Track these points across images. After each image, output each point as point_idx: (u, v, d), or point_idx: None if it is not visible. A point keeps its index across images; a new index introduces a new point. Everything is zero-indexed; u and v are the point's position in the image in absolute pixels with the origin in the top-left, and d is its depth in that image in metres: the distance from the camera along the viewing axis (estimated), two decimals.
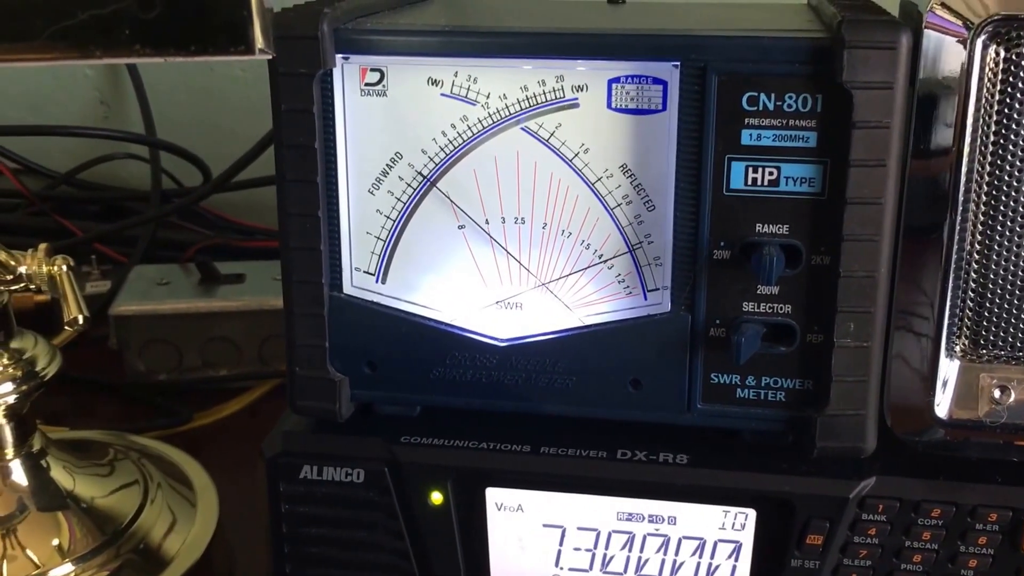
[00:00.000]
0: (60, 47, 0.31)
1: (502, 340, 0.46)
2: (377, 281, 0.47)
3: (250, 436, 0.70)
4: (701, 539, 0.46)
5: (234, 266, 0.80)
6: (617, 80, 0.43)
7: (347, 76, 0.45)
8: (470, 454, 0.47)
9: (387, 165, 0.46)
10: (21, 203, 0.90)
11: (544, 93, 0.44)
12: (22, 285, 0.53)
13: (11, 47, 0.32)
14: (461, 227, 0.46)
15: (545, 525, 0.47)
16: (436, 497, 0.47)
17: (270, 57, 0.35)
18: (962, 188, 0.41)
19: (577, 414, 0.46)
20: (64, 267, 0.53)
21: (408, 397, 0.48)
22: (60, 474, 0.55)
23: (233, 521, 0.59)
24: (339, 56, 0.44)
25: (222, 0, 0.33)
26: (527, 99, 0.44)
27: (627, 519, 0.46)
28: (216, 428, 0.72)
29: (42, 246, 0.53)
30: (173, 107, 0.98)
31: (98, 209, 0.94)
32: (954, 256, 0.42)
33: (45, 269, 0.53)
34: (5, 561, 0.52)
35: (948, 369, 0.44)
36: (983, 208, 0.42)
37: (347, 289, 0.47)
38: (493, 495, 0.47)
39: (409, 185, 0.46)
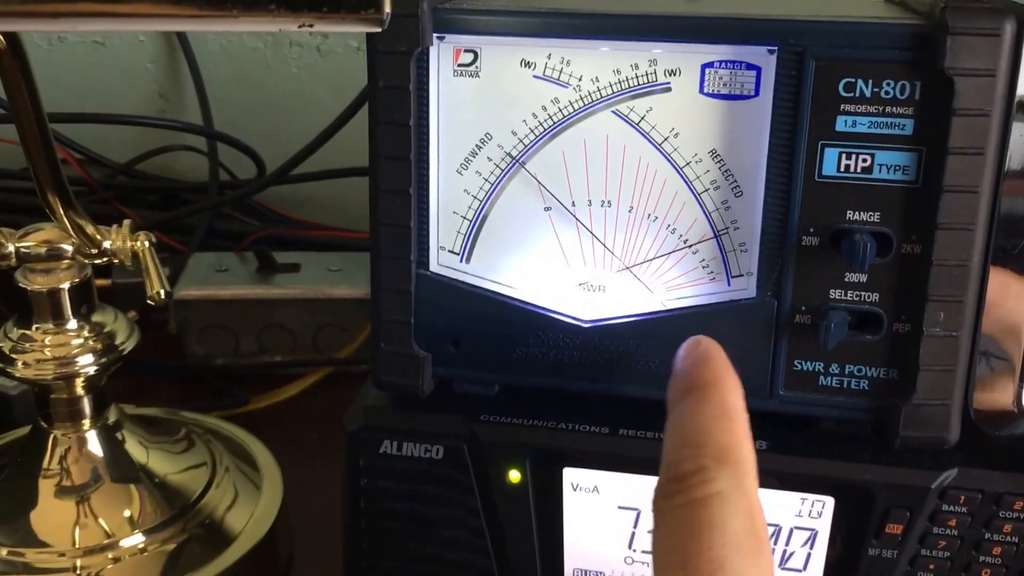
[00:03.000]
0: (200, 4, 0.31)
1: (585, 321, 0.47)
2: (462, 261, 0.47)
3: (304, 421, 0.72)
4: (777, 526, 0.46)
5: (291, 256, 0.81)
6: (711, 65, 0.43)
7: (442, 56, 0.45)
8: (549, 433, 0.47)
9: (476, 145, 0.46)
10: (83, 191, 0.91)
11: (636, 77, 0.44)
12: (105, 260, 0.54)
13: (155, 5, 0.32)
14: (547, 209, 0.46)
15: (620, 507, 0.47)
16: (514, 476, 0.47)
17: (383, 29, 0.36)
18: None
19: (658, 397, 0.46)
20: (147, 243, 0.54)
21: (490, 376, 0.48)
22: (134, 447, 0.56)
23: (289, 502, 0.59)
24: (434, 35, 0.45)
25: None
26: (619, 83, 0.44)
27: None
28: (271, 412, 0.73)
29: (126, 222, 0.54)
30: (229, 103, 0.99)
31: (156, 199, 0.95)
32: None
33: (128, 244, 0.53)
34: (78, 527, 0.52)
35: None
36: None
37: (432, 267, 0.47)
38: (570, 475, 0.47)
39: (497, 166, 0.46)
